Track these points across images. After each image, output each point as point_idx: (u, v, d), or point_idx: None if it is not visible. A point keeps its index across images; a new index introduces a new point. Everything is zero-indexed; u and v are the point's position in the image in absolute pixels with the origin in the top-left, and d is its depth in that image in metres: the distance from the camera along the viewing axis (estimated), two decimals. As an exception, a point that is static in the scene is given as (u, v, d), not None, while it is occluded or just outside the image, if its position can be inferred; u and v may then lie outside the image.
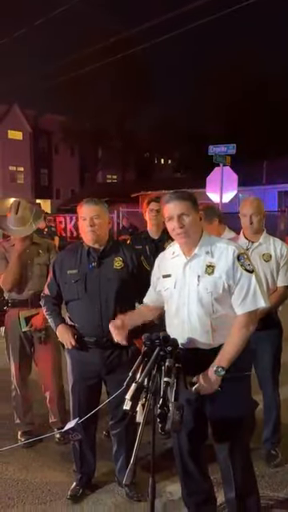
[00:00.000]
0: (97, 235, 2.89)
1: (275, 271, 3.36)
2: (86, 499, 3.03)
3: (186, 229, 2.34)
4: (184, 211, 2.34)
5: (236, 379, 2.32)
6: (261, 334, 3.16)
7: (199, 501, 2.61)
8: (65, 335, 2.92)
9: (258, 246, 3.40)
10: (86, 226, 2.89)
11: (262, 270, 3.30)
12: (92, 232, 2.88)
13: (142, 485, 2.80)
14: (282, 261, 3.37)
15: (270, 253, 3.37)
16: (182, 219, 2.34)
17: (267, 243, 3.41)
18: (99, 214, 2.89)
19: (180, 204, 2.34)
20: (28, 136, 40.51)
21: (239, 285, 2.32)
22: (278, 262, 3.36)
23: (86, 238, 2.94)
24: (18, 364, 3.73)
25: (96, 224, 2.87)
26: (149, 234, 3.98)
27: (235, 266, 2.32)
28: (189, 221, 2.34)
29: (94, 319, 2.87)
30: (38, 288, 3.55)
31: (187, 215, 2.34)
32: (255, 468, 3.06)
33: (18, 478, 3.29)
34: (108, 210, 3.01)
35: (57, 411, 3.79)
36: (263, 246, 3.40)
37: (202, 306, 2.32)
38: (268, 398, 3.45)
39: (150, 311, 2.71)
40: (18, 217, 3.57)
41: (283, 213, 18.97)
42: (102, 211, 2.92)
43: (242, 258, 2.34)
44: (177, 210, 2.34)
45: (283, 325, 3.50)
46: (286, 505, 2.94)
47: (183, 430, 2.37)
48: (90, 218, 2.88)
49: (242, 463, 2.38)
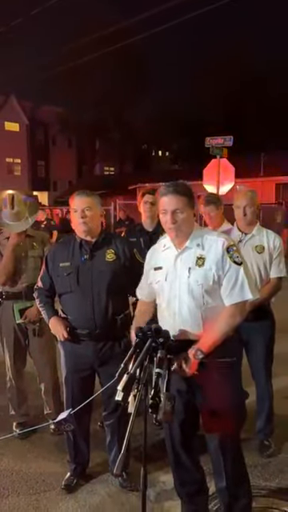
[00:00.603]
0: (88, 227, 2.89)
1: (268, 263, 3.37)
2: (79, 489, 3.06)
3: (178, 225, 2.34)
4: (179, 207, 2.33)
5: (220, 366, 2.34)
6: (253, 326, 3.20)
7: (191, 490, 2.64)
8: (57, 327, 2.93)
9: (251, 237, 3.41)
10: (77, 217, 2.89)
11: (255, 261, 3.31)
12: (83, 224, 2.88)
13: (136, 475, 2.80)
14: (275, 252, 3.38)
15: (262, 244, 3.38)
16: (175, 215, 2.33)
17: (260, 235, 3.42)
18: (91, 205, 2.89)
19: (175, 199, 2.33)
20: (25, 128, 40.28)
21: (227, 276, 2.32)
22: (270, 253, 3.37)
23: (78, 230, 2.94)
24: (12, 356, 3.74)
25: (87, 216, 2.87)
26: (143, 226, 3.98)
27: (224, 258, 2.32)
28: (182, 217, 2.34)
29: (86, 312, 2.87)
30: (32, 281, 3.54)
31: (181, 212, 2.33)
32: (248, 458, 3.09)
33: (13, 468, 3.32)
34: (104, 202, 3.01)
35: (52, 403, 3.81)
36: (256, 237, 3.41)
37: (193, 298, 2.33)
38: (261, 388, 3.47)
39: (149, 306, 2.68)
40: (14, 212, 3.55)
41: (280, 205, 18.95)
42: (94, 203, 2.92)
43: (231, 250, 2.35)
44: (171, 206, 2.33)
45: (276, 316, 3.52)
46: (278, 494, 2.97)
47: (175, 421, 2.39)
48: (82, 210, 2.87)
49: (232, 453, 2.41)
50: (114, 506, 2.88)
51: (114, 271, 2.90)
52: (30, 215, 3.62)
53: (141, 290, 2.70)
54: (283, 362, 4.43)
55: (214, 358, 2.31)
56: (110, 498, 2.97)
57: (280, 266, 3.41)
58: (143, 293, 2.68)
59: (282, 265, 3.42)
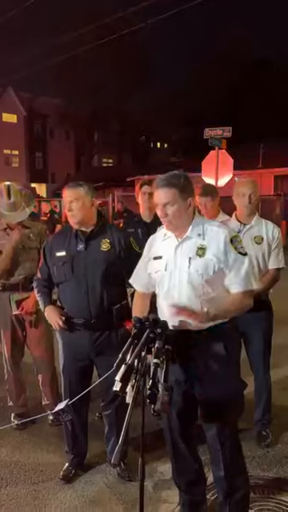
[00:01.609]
0: (77, 219, 2.90)
1: (267, 253, 3.36)
2: (78, 479, 3.07)
3: (168, 218, 2.34)
4: (168, 200, 2.31)
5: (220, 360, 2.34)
6: (251, 317, 3.17)
7: (189, 480, 2.64)
8: (52, 316, 2.94)
9: (249, 228, 3.39)
10: (66, 210, 2.93)
11: (253, 252, 3.30)
12: (71, 216, 2.91)
13: (134, 465, 2.82)
14: (274, 243, 3.37)
15: (261, 235, 3.36)
16: (165, 208, 2.32)
17: (259, 226, 3.41)
18: (76, 197, 2.89)
19: (165, 193, 2.31)
20: (23, 119, 40.09)
21: (233, 268, 2.32)
22: (269, 244, 3.36)
23: (70, 222, 2.98)
24: (10, 347, 3.73)
25: (73, 208, 2.88)
26: (141, 217, 3.96)
27: (228, 250, 2.31)
28: (172, 210, 2.31)
29: (81, 301, 2.87)
30: (28, 272, 3.54)
31: (171, 205, 2.31)
32: (246, 448, 3.12)
33: (11, 459, 3.32)
34: (102, 194, 3.02)
35: (50, 394, 3.81)
36: (255, 228, 3.39)
37: (193, 288, 2.32)
38: (259, 379, 3.48)
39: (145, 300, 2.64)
40: (11, 202, 3.54)
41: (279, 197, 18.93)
42: (80, 195, 2.90)
43: (235, 241, 2.34)
44: (161, 199, 2.32)
45: (274, 307, 3.51)
46: (276, 484, 2.98)
47: (173, 411, 2.39)
48: (68, 202, 2.90)
49: (230, 443, 2.41)
50: (112, 496, 2.89)
51: (108, 261, 2.90)
52: (26, 205, 3.61)
53: (135, 279, 2.66)
54: (281, 353, 4.44)
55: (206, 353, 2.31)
56: (108, 488, 2.98)
57: (278, 256, 3.40)
58: (140, 282, 2.64)
59: (280, 256, 3.41)
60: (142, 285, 2.64)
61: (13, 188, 3.60)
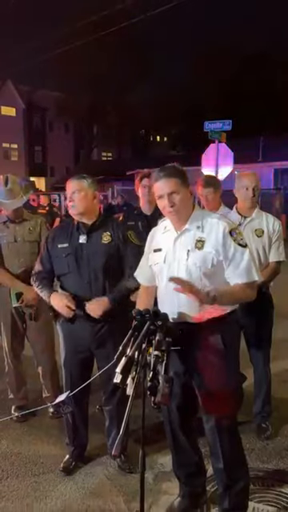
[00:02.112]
0: (77, 210, 2.91)
1: (267, 246, 3.36)
2: (78, 471, 3.08)
3: (177, 207, 2.33)
4: (174, 189, 2.31)
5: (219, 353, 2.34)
6: (252, 310, 3.19)
7: (189, 472, 2.66)
8: (60, 302, 2.89)
9: (250, 221, 3.39)
10: (68, 201, 2.94)
11: (254, 245, 3.30)
12: (72, 207, 2.92)
13: (134, 457, 2.83)
14: (274, 236, 3.37)
15: (262, 228, 3.36)
16: (172, 198, 2.32)
17: (260, 218, 3.40)
18: (79, 189, 2.90)
19: (169, 182, 2.32)
20: (21, 112, 39.91)
21: (234, 260, 2.31)
22: (270, 237, 3.36)
23: (71, 213, 2.98)
24: (10, 340, 3.74)
25: (75, 199, 2.89)
26: (141, 210, 3.95)
27: (227, 242, 2.30)
28: (179, 198, 2.32)
29: (84, 292, 2.88)
30: (28, 265, 3.54)
31: (177, 193, 2.32)
32: (246, 441, 3.13)
33: (12, 451, 3.33)
34: (102, 188, 3.02)
35: (50, 386, 3.82)
36: (256, 221, 3.39)
37: (191, 281, 2.31)
38: (259, 372, 3.48)
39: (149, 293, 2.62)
40: (8, 189, 3.56)
41: (279, 191, 18.91)
42: (83, 186, 2.91)
43: (234, 234, 2.33)
44: (166, 189, 2.32)
45: (274, 301, 3.51)
46: (275, 476, 2.99)
47: (173, 403, 2.40)
48: (70, 194, 2.91)
49: (228, 434, 2.41)
50: (112, 488, 2.90)
51: (109, 253, 2.91)
52: (24, 194, 3.63)
53: (140, 274, 2.67)
54: (281, 346, 4.45)
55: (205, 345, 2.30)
56: (108, 480, 2.99)
57: (279, 249, 3.39)
58: (144, 276, 2.65)
59: (281, 248, 3.41)
60: (146, 278, 2.64)
61: (11, 177, 3.63)
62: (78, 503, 2.78)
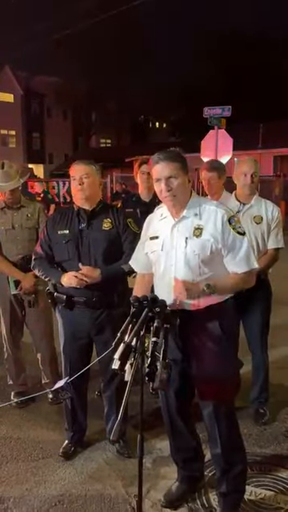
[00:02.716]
0: (86, 195, 2.89)
1: (266, 233, 3.35)
2: (77, 456, 3.10)
3: (173, 192, 2.30)
4: (172, 174, 2.29)
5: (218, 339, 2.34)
6: (250, 296, 3.19)
7: (187, 457, 2.68)
8: (72, 279, 2.81)
9: (249, 208, 3.37)
10: (75, 185, 2.90)
11: (252, 232, 3.29)
12: (81, 191, 2.88)
13: (133, 442, 2.86)
14: (273, 223, 3.35)
15: (261, 215, 3.35)
16: (169, 182, 2.29)
17: (259, 205, 3.39)
18: (88, 173, 2.88)
19: (168, 166, 2.29)
20: (20, 98, 39.53)
21: (233, 248, 2.30)
22: (268, 224, 3.35)
23: (76, 198, 2.94)
24: (9, 327, 3.75)
25: (85, 183, 2.87)
26: (140, 196, 3.93)
27: (226, 230, 2.29)
28: (177, 183, 2.29)
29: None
30: (26, 252, 3.53)
31: (175, 178, 2.29)
32: (244, 426, 3.16)
33: (11, 436, 3.36)
34: (101, 173, 2.99)
35: (49, 373, 3.84)
36: (254, 208, 3.37)
37: (189, 268, 2.31)
38: (257, 358, 3.50)
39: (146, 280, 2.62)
40: (4, 171, 3.55)
41: (278, 178, 18.84)
42: (92, 171, 2.91)
43: (232, 221, 2.32)
44: (165, 172, 2.29)
45: (273, 288, 3.52)
46: (273, 460, 3.02)
47: (171, 389, 2.41)
48: (80, 177, 2.87)
49: (226, 420, 2.43)
50: (111, 473, 2.93)
51: (110, 240, 2.91)
52: (20, 177, 3.62)
53: (136, 261, 2.66)
54: (279, 333, 4.47)
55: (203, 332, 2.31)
56: (107, 464, 3.02)
57: (278, 236, 3.38)
58: (139, 264, 2.64)
59: (279, 236, 3.40)
60: (142, 265, 2.63)
61: (7, 162, 3.62)
62: (77, 488, 2.81)
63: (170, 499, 2.64)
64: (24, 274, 3.55)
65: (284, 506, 2.61)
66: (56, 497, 2.72)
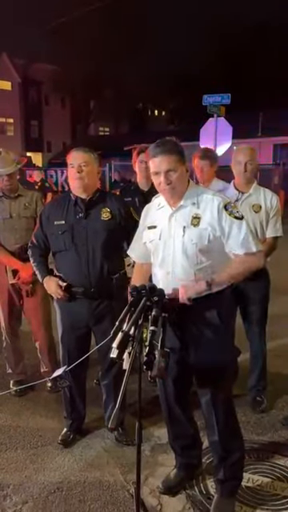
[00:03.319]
0: (84, 183, 2.85)
1: (265, 222, 3.34)
2: (76, 444, 3.12)
3: (173, 185, 2.29)
4: (171, 167, 2.26)
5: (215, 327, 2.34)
6: (249, 285, 3.20)
7: (185, 444, 2.70)
8: (52, 287, 2.93)
9: (248, 196, 3.36)
10: (73, 172, 2.85)
11: (251, 220, 3.28)
12: (80, 179, 2.83)
13: (131, 430, 2.85)
14: (272, 212, 3.34)
15: (259, 203, 3.33)
16: (169, 175, 2.27)
17: (257, 194, 3.37)
18: (87, 161, 2.84)
19: (167, 159, 2.26)
20: (17, 86, 39.19)
21: (231, 233, 2.28)
22: (267, 212, 3.34)
23: (73, 186, 2.90)
24: (7, 316, 3.75)
25: (83, 171, 2.83)
26: (138, 185, 3.90)
27: (222, 217, 2.28)
28: (176, 176, 2.28)
29: (81, 270, 2.86)
30: (24, 241, 3.52)
31: (174, 171, 2.27)
32: (241, 414, 3.18)
33: (10, 424, 3.38)
34: (99, 162, 2.96)
35: (48, 361, 3.85)
36: (253, 196, 3.36)
37: (187, 257, 2.31)
38: (255, 347, 3.51)
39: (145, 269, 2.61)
40: (2, 157, 3.54)
41: (278, 166, 18.77)
42: (91, 159, 2.87)
43: (229, 207, 2.30)
44: (163, 166, 2.27)
45: (271, 276, 3.51)
46: (270, 448, 3.05)
47: (169, 377, 2.42)
48: (78, 165, 2.83)
49: (223, 407, 2.44)
50: (110, 460, 2.96)
51: (109, 230, 2.87)
52: (17, 163, 3.62)
53: (133, 251, 2.66)
54: (277, 322, 4.47)
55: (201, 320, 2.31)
56: (105, 452, 3.04)
57: (276, 225, 3.38)
58: (136, 253, 2.64)
59: (278, 224, 3.39)
60: (140, 255, 2.62)
61: (4, 149, 3.62)
62: (76, 475, 2.83)
63: (168, 486, 2.67)
64: (22, 264, 3.55)
65: (281, 493, 2.64)
66: (55, 484, 2.74)
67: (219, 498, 2.50)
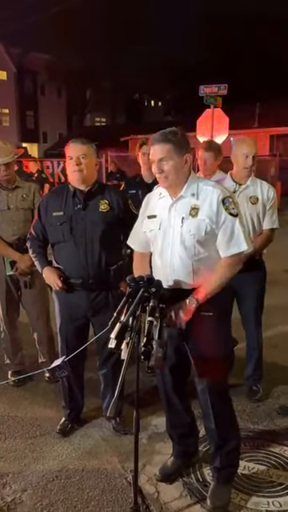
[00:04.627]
0: (83, 175, 2.85)
1: (261, 214, 3.36)
2: (74, 433, 3.16)
3: (165, 174, 2.31)
4: (164, 156, 2.28)
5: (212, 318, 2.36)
6: (245, 276, 3.18)
7: (182, 433, 2.74)
8: (51, 278, 2.94)
9: (245, 188, 3.37)
10: (72, 165, 2.85)
11: (248, 212, 3.30)
12: (78, 172, 2.83)
13: (129, 420, 2.90)
14: (269, 204, 3.36)
15: (256, 195, 3.35)
16: (160, 164, 2.30)
17: (254, 186, 3.38)
18: (86, 153, 2.84)
19: (161, 148, 2.29)
20: (13, 76, 38.84)
21: (223, 228, 2.30)
22: (264, 204, 3.35)
23: (72, 178, 2.90)
24: (5, 307, 3.77)
25: (82, 163, 2.83)
26: (142, 178, 3.90)
27: (219, 210, 2.29)
28: (168, 166, 2.29)
29: (79, 261, 2.87)
30: (22, 233, 3.54)
31: (167, 160, 2.29)
32: (237, 403, 3.22)
33: (9, 414, 3.41)
34: (96, 152, 2.95)
35: (46, 352, 3.88)
36: (250, 188, 3.37)
37: (185, 248, 2.32)
38: (251, 337, 3.55)
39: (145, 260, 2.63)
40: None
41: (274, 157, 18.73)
42: (90, 151, 2.87)
43: (226, 202, 2.31)
44: (156, 155, 2.30)
45: (267, 267, 3.54)
46: (266, 436, 3.09)
47: (166, 367, 2.45)
48: (77, 158, 2.82)
49: (219, 397, 2.48)
50: (107, 449, 2.99)
51: (107, 222, 2.88)
52: (15, 154, 3.62)
53: (133, 240, 2.67)
54: (273, 312, 4.52)
55: (198, 312, 2.33)
56: (103, 441, 3.08)
57: (273, 217, 3.40)
58: (135, 242, 2.64)
59: (274, 216, 3.41)
60: (140, 244, 2.63)
61: (1, 140, 3.62)
62: (75, 463, 2.87)
63: (165, 474, 2.71)
64: (20, 255, 3.56)
65: (276, 480, 2.68)
66: (54, 472, 2.78)
67: (216, 486, 2.55)
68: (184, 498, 2.58)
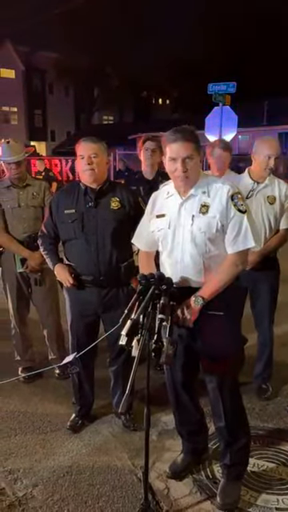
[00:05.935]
0: (95, 174, 2.86)
1: (279, 214, 3.33)
2: (84, 429, 3.18)
3: (188, 173, 2.30)
4: (189, 154, 2.28)
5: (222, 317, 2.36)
6: (260, 275, 3.24)
7: (192, 430, 2.75)
8: (62, 274, 2.96)
9: (263, 187, 3.33)
10: (83, 164, 2.86)
11: (265, 212, 3.29)
12: (90, 171, 2.85)
13: (138, 416, 2.94)
14: (286, 203, 3.33)
15: (274, 195, 3.31)
16: (186, 163, 2.28)
17: (272, 185, 3.35)
18: (97, 152, 2.85)
19: (186, 146, 2.27)
20: (21, 74, 38.97)
21: (231, 224, 2.31)
22: (282, 204, 3.32)
23: (84, 177, 2.91)
24: (15, 304, 3.79)
25: (94, 162, 2.84)
26: (143, 174, 3.91)
27: (228, 206, 2.30)
28: (192, 164, 2.29)
29: (90, 258, 2.89)
30: (32, 231, 3.57)
31: (191, 159, 2.29)
32: (247, 401, 3.22)
33: (19, 410, 3.44)
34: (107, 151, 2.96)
35: (55, 349, 3.91)
36: (268, 187, 3.33)
37: (196, 246, 2.33)
38: (263, 335, 3.54)
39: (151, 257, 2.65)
40: (10, 145, 3.57)
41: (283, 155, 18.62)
42: (101, 150, 2.88)
43: (235, 198, 2.31)
44: (182, 153, 2.27)
45: (281, 266, 3.53)
46: (275, 434, 3.10)
47: (176, 364, 2.46)
48: (88, 156, 2.84)
49: (230, 394, 2.48)
50: (117, 445, 3.01)
51: (118, 219, 2.90)
52: (25, 153, 3.66)
53: (138, 238, 2.67)
54: (284, 311, 4.49)
55: (205, 310, 2.32)
56: (113, 437, 3.10)
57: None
58: (141, 241, 2.65)
59: None
60: (145, 243, 2.64)
61: (12, 139, 3.66)
62: (85, 459, 2.88)
63: (175, 470, 2.72)
64: (30, 252, 3.59)
65: (286, 478, 2.68)
66: (64, 468, 2.80)
67: (225, 483, 2.55)
68: (194, 494, 2.59)
